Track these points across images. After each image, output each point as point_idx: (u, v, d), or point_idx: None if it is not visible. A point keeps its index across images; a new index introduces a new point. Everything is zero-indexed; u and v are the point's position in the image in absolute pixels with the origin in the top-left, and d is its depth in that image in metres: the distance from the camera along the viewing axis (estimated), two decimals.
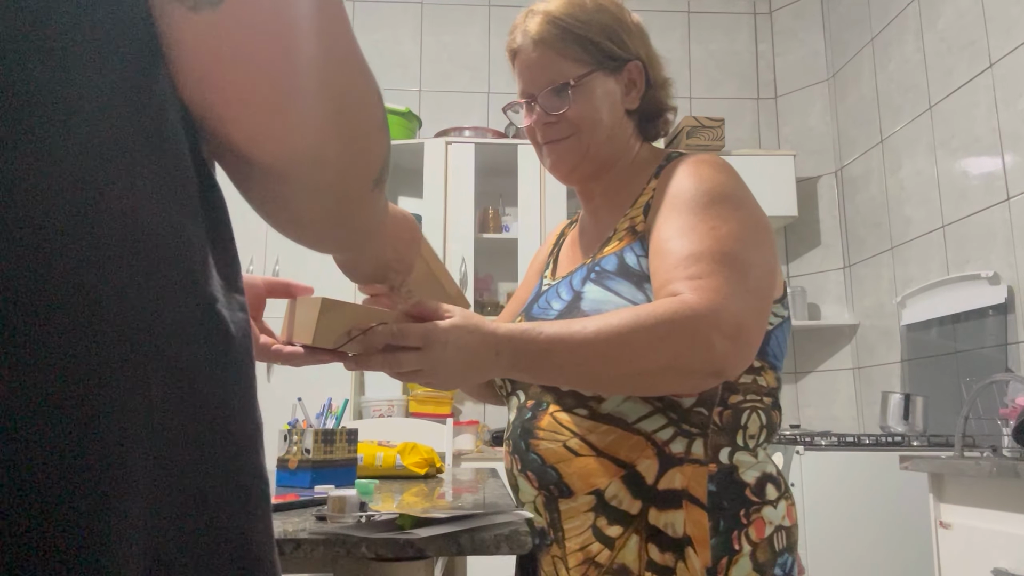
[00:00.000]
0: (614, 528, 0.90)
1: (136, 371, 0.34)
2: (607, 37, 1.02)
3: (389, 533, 0.75)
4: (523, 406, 1.01)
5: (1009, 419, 1.95)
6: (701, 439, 0.91)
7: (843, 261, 3.52)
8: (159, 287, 0.36)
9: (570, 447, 0.93)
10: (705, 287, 0.82)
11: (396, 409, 3.10)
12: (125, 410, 0.33)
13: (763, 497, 0.92)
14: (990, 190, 2.52)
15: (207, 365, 0.38)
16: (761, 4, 3.95)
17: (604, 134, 1.03)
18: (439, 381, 0.82)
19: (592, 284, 0.97)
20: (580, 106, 1.00)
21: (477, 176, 3.28)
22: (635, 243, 0.97)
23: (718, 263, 0.85)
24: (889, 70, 3.16)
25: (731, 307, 0.82)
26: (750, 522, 0.89)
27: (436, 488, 1.41)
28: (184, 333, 0.37)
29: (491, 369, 0.83)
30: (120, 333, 0.34)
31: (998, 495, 1.69)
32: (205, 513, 0.37)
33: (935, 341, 2.77)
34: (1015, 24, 2.42)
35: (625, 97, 1.05)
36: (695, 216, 0.90)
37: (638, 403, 0.91)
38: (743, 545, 0.88)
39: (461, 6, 3.85)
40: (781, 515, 0.92)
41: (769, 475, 0.94)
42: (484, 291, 3.48)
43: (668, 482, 0.90)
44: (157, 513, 0.35)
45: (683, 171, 0.97)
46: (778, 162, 3.39)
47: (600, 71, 1.02)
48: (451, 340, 0.79)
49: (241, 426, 0.40)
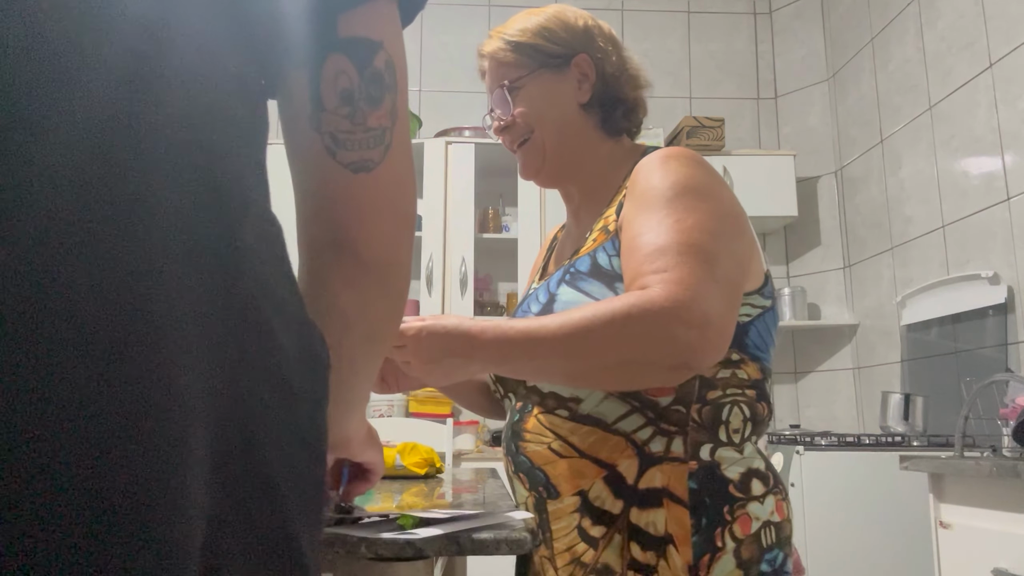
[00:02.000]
0: (598, 528, 0.90)
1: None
2: (544, 39, 1.07)
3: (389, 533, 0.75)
4: (514, 408, 1.02)
5: (1009, 419, 1.95)
6: (680, 437, 0.91)
7: (843, 261, 3.52)
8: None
9: (554, 449, 0.94)
10: (669, 279, 0.82)
11: (396, 409, 3.10)
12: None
13: (748, 493, 0.91)
14: (990, 190, 2.52)
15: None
16: (761, 4, 3.95)
17: (555, 128, 1.06)
18: (421, 374, 0.89)
19: (565, 286, 0.98)
20: (524, 105, 1.06)
21: (477, 176, 3.28)
22: (607, 242, 0.98)
23: (682, 255, 0.84)
24: (889, 70, 3.16)
25: (696, 298, 0.81)
26: (734, 519, 0.89)
27: (436, 488, 1.41)
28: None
29: (470, 362, 0.88)
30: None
31: (998, 495, 1.69)
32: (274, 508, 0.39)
33: (935, 341, 2.77)
34: (1015, 24, 2.42)
35: (577, 91, 1.07)
36: (662, 210, 0.90)
37: (616, 403, 0.91)
38: (726, 542, 0.88)
39: (461, 6, 3.85)
40: (769, 510, 0.91)
41: (755, 470, 0.93)
42: (484, 291, 3.48)
43: (648, 481, 0.90)
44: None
45: (651, 166, 0.97)
46: (778, 162, 3.39)
47: (542, 70, 1.07)
48: (424, 336, 0.87)
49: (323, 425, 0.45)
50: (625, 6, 3.90)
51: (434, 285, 3.16)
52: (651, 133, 3.33)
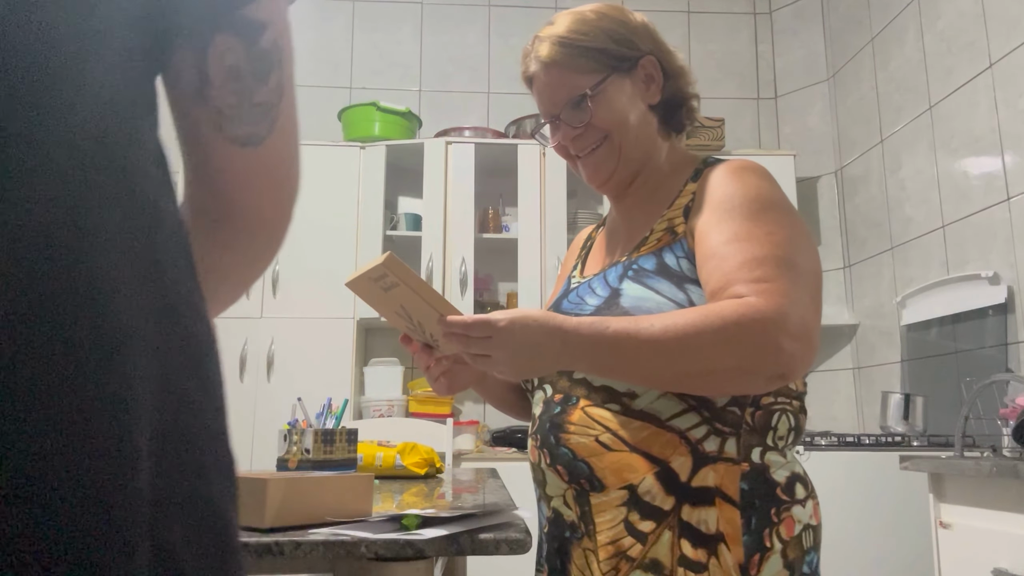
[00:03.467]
0: (647, 523, 0.91)
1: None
2: (613, 41, 1.05)
3: (389, 533, 0.75)
4: (550, 400, 1.01)
5: (1009, 419, 1.95)
6: (734, 438, 0.93)
7: (843, 261, 3.52)
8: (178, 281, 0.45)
9: (602, 441, 0.94)
10: (771, 291, 0.85)
11: (396, 409, 3.10)
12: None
13: (793, 496, 0.93)
14: (990, 190, 2.52)
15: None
16: (761, 4, 3.95)
17: (633, 133, 1.06)
18: (506, 368, 0.88)
19: (630, 282, 0.98)
20: (602, 111, 1.04)
21: (477, 176, 3.28)
22: (675, 244, 0.99)
23: (780, 267, 0.87)
24: (889, 70, 3.16)
25: (798, 310, 0.84)
26: (780, 520, 0.91)
27: (436, 488, 1.41)
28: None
29: (558, 359, 0.88)
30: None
31: (998, 495, 1.69)
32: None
33: (935, 341, 2.77)
34: (1015, 24, 2.42)
35: (645, 93, 1.07)
36: (750, 222, 0.92)
37: (672, 400, 0.93)
38: (774, 543, 0.90)
39: (461, 6, 3.85)
40: (809, 514, 0.94)
41: (798, 475, 0.96)
42: (484, 291, 3.48)
43: (702, 479, 0.91)
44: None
45: (727, 177, 0.99)
46: (778, 162, 3.39)
47: (614, 74, 1.05)
48: (517, 328, 0.85)
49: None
50: (625, 6, 3.90)
51: (434, 285, 3.16)
52: None
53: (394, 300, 0.93)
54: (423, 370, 1.06)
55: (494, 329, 0.86)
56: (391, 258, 0.89)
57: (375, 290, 0.93)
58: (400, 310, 0.95)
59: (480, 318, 0.87)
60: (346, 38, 3.81)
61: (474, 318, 0.87)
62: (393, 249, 3.46)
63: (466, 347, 0.88)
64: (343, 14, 3.82)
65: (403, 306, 0.93)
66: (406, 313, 0.95)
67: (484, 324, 0.86)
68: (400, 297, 0.92)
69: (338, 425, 1.51)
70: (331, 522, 0.82)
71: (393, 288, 0.91)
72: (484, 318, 0.87)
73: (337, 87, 3.76)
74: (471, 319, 0.87)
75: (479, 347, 0.87)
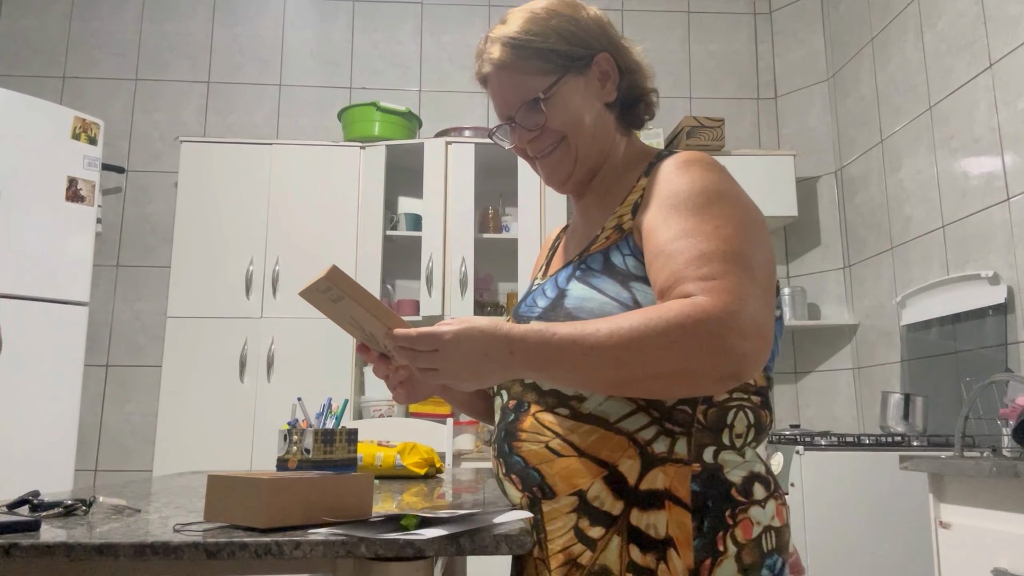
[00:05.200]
0: (596, 529, 0.89)
1: None
2: (565, 41, 1.02)
3: (389, 533, 0.75)
4: (505, 407, 1.00)
5: (1009, 419, 1.95)
6: (684, 438, 0.90)
7: (843, 261, 3.53)
8: None
9: (552, 448, 0.92)
10: (719, 288, 0.82)
11: (396, 409, 3.10)
12: None
13: (750, 497, 0.90)
14: (990, 190, 2.52)
15: None
16: (761, 4, 3.95)
17: (589, 133, 1.04)
18: (455, 380, 0.87)
19: (576, 282, 0.97)
20: (557, 114, 1.02)
21: (477, 176, 3.28)
22: (621, 241, 0.97)
23: (729, 263, 0.84)
24: (889, 70, 3.16)
25: (748, 306, 0.81)
26: (736, 523, 0.88)
27: (436, 488, 1.41)
28: None
29: (507, 368, 0.86)
30: None
31: (998, 495, 1.69)
32: None
33: (935, 341, 2.78)
34: (1015, 24, 2.42)
35: (601, 91, 1.05)
36: (696, 216, 0.89)
37: (620, 402, 0.90)
38: (728, 546, 0.87)
39: (461, 6, 3.85)
40: (770, 515, 0.91)
41: (757, 474, 0.92)
42: (484, 291, 3.48)
43: (650, 482, 0.88)
44: None
45: (673, 170, 0.96)
46: (778, 162, 3.39)
47: (568, 75, 1.02)
48: (463, 340, 0.85)
49: None
50: (625, 6, 3.90)
51: (434, 285, 3.16)
52: (651, 133, 3.33)
53: (344, 311, 0.92)
54: (383, 379, 1.04)
55: (440, 342, 0.85)
56: (334, 270, 0.87)
57: (325, 302, 0.92)
58: (352, 320, 0.94)
59: (426, 331, 0.86)
60: (346, 38, 3.81)
61: (420, 331, 0.86)
62: (393, 249, 3.46)
63: (413, 361, 0.87)
64: (343, 14, 3.83)
65: (354, 317, 0.92)
66: (358, 324, 0.94)
67: (430, 337, 0.85)
68: (348, 309, 0.91)
69: (338, 425, 1.51)
70: (331, 522, 0.82)
71: (340, 300, 0.90)
72: (430, 331, 0.85)
73: (337, 87, 3.76)
74: (416, 333, 0.86)
75: (426, 361, 0.86)
